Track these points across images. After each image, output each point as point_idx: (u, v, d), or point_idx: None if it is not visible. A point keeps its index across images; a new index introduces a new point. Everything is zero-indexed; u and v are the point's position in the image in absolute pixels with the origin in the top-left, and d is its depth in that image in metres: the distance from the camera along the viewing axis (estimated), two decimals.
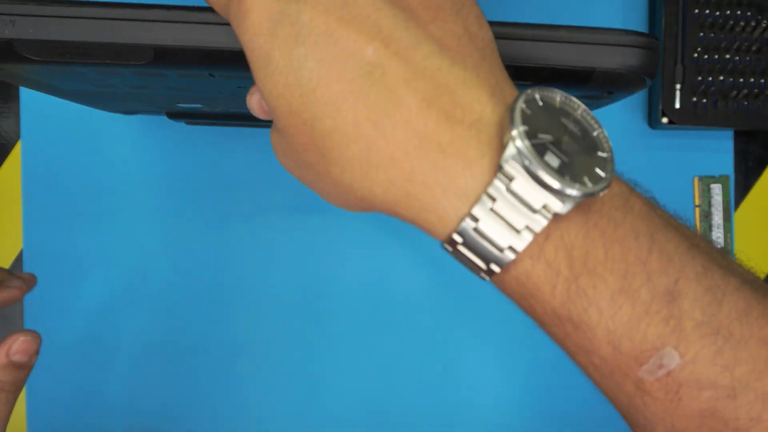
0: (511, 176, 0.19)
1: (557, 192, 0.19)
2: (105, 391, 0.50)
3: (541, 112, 0.20)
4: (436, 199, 0.20)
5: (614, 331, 0.20)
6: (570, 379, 0.49)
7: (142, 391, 0.49)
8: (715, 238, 0.49)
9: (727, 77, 0.46)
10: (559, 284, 0.20)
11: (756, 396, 0.20)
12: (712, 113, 0.47)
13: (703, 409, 0.20)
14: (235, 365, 0.49)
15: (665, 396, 0.20)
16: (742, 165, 0.50)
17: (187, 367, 0.49)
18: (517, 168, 0.19)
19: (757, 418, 0.20)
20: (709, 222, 0.49)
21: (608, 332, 0.20)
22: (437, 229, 0.21)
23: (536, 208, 0.20)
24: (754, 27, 0.46)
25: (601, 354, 0.21)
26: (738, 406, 0.20)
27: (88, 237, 0.50)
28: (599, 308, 0.20)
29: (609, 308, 0.20)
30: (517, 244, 0.20)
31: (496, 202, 0.20)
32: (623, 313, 0.20)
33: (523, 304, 0.22)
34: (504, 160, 0.19)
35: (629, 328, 0.20)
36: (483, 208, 0.20)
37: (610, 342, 0.20)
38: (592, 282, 0.20)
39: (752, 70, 0.46)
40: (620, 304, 0.20)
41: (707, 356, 0.20)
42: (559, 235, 0.20)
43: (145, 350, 0.49)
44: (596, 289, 0.20)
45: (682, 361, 0.20)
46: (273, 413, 0.49)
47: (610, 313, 0.20)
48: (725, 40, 0.46)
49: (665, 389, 0.20)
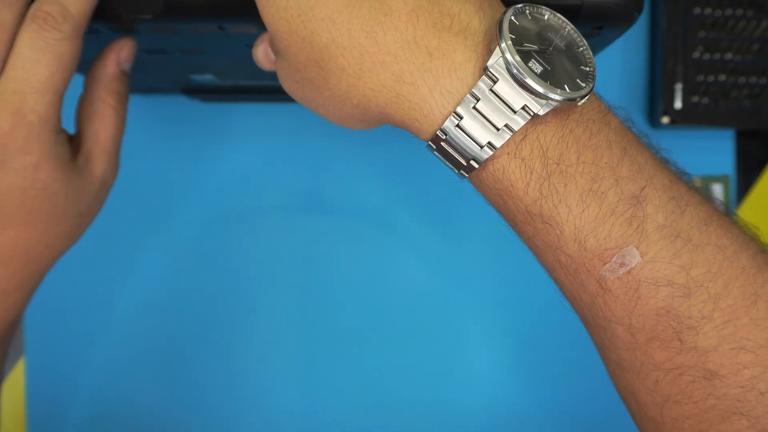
0: (495, 78, 0.21)
1: (538, 94, 0.21)
2: (105, 390, 0.49)
3: (529, 24, 0.22)
4: (423, 98, 0.22)
5: (581, 228, 0.21)
6: (570, 378, 0.49)
7: (141, 391, 0.49)
8: None
9: (728, 77, 0.46)
10: (533, 181, 0.22)
11: (709, 296, 0.21)
12: (713, 113, 0.47)
13: (659, 308, 0.22)
14: (234, 364, 0.49)
15: (625, 294, 0.22)
16: (742, 165, 0.50)
17: (186, 365, 0.49)
18: (500, 71, 0.21)
19: (708, 316, 0.21)
20: None
21: (575, 229, 0.21)
22: (423, 128, 0.23)
23: (516, 109, 0.21)
24: (754, 27, 0.46)
25: (567, 251, 0.22)
26: (692, 305, 0.21)
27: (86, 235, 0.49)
28: (568, 206, 0.21)
29: (577, 206, 0.21)
30: (495, 141, 0.22)
31: (479, 102, 0.21)
32: (590, 212, 0.21)
33: (498, 203, 0.23)
34: (490, 64, 0.21)
35: (595, 227, 0.21)
36: (466, 106, 0.22)
37: (577, 239, 0.22)
38: (563, 181, 0.21)
39: (753, 70, 0.46)
40: (588, 203, 0.21)
41: (666, 257, 0.21)
42: (536, 136, 0.22)
43: (145, 350, 0.49)
44: (567, 187, 0.21)
45: (642, 260, 0.21)
46: (273, 412, 0.49)
47: (578, 211, 0.21)
48: (726, 40, 0.46)
49: (625, 287, 0.22)
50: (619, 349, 0.23)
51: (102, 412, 0.49)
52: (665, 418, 0.23)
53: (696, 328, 0.21)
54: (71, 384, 0.49)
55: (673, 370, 0.22)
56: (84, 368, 0.49)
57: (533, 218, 0.22)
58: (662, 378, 0.23)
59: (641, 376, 0.23)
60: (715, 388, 0.22)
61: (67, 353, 0.49)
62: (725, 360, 0.21)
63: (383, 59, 0.22)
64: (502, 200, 0.23)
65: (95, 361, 0.49)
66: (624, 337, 0.23)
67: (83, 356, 0.49)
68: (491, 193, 0.23)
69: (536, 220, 0.22)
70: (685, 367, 0.22)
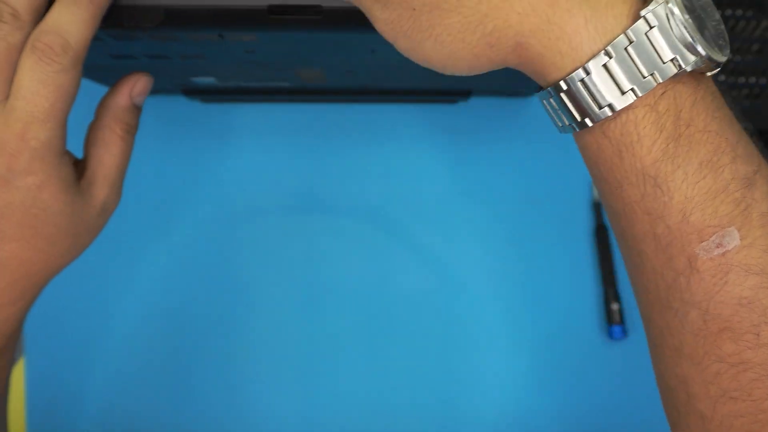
0: (653, 24, 0.20)
1: (692, 49, 0.20)
2: (105, 392, 0.49)
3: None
4: (576, 29, 0.21)
5: (691, 199, 0.21)
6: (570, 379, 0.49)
7: (141, 392, 0.49)
8: None
9: (728, 77, 0.46)
10: (660, 140, 0.21)
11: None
12: None
13: (742, 297, 0.21)
14: (234, 366, 0.49)
15: (712, 277, 0.21)
16: None
17: (185, 365, 0.49)
18: (661, 17, 0.20)
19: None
20: None
21: (685, 199, 0.21)
22: (564, 63, 0.21)
23: (666, 60, 0.21)
24: (754, 27, 0.46)
25: (668, 221, 0.21)
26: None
27: None
28: (686, 172, 0.21)
29: (695, 175, 0.21)
30: (639, 89, 0.21)
31: (632, 44, 0.21)
32: (705, 183, 0.21)
33: (612, 159, 0.22)
34: (650, 8, 0.20)
35: (704, 200, 0.21)
36: (619, 46, 0.21)
37: (683, 210, 0.21)
38: (688, 146, 0.21)
39: (752, 70, 0.46)
40: (705, 174, 0.21)
41: (763, 245, 0.21)
42: (673, 95, 0.21)
43: (145, 350, 0.49)
44: (689, 153, 0.21)
45: (740, 244, 0.21)
46: (273, 414, 0.49)
47: (694, 180, 0.21)
48: None
49: (715, 269, 0.21)
50: (686, 334, 0.22)
51: (102, 414, 0.49)
52: (716, 414, 0.23)
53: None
54: (71, 385, 0.49)
55: (739, 365, 0.22)
56: (84, 369, 0.49)
57: (646, 180, 0.21)
58: (725, 371, 0.22)
59: (701, 367, 0.22)
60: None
61: (68, 354, 0.49)
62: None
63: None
64: (619, 156, 0.22)
65: (95, 363, 0.49)
66: (696, 322, 0.22)
67: (83, 357, 0.49)
68: (608, 147, 0.22)
69: (648, 182, 0.21)
70: (752, 364, 0.21)
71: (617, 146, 0.22)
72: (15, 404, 0.50)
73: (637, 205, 0.22)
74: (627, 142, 0.21)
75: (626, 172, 0.22)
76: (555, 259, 0.49)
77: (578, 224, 0.49)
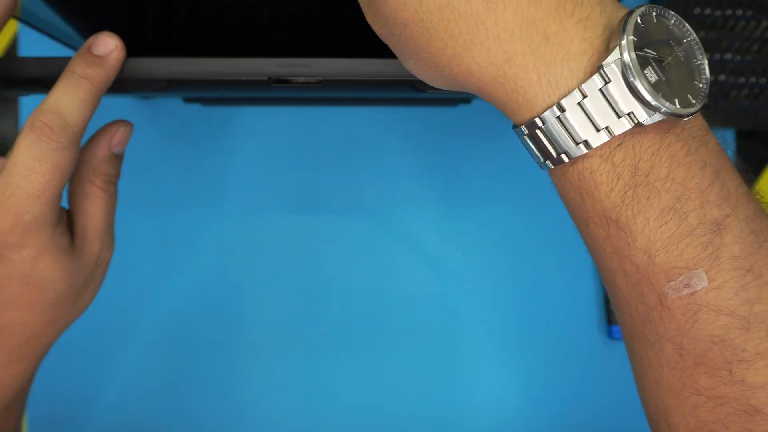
0: (608, 79, 0.20)
1: (648, 105, 0.20)
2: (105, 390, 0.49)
3: (653, 28, 0.22)
4: (530, 83, 0.21)
5: (654, 242, 0.21)
6: (570, 378, 0.49)
7: (142, 392, 0.49)
8: None
9: (728, 77, 0.46)
10: (617, 188, 0.21)
11: (767, 333, 0.21)
12: (713, 113, 0.47)
13: (714, 335, 0.21)
14: (231, 366, 0.49)
15: (683, 315, 0.21)
16: (742, 165, 0.50)
17: (185, 367, 0.49)
18: (615, 72, 0.20)
19: (763, 353, 0.21)
20: None
21: (648, 242, 0.21)
22: (522, 112, 0.22)
23: (622, 114, 0.21)
24: (754, 27, 0.46)
25: (635, 260, 0.22)
26: (747, 339, 0.21)
27: None
28: (647, 218, 0.21)
29: (656, 221, 0.21)
30: (593, 140, 0.21)
31: (585, 98, 0.21)
32: (667, 229, 0.21)
33: (575, 200, 0.23)
34: (606, 63, 0.20)
35: (668, 243, 0.21)
36: (572, 100, 0.21)
37: (647, 251, 0.21)
38: (648, 193, 0.21)
39: (752, 70, 0.46)
40: (667, 219, 0.21)
41: (733, 287, 0.21)
42: (632, 145, 0.21)
43: (144, 350, 0.49)
44: (649, 200, 0.21)
45: (708, 286, 0.21)
46: (273, 413, 0.49)
47: (655, 225, 0.21)
48: (725, 40, 0.46)
49: (685, 308, 0.21)
50: (663, 367, 0.23)
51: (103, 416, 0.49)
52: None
53: (748, 363, 0.21)
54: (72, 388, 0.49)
55: (716, 398, 0.22)
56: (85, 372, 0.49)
57: (608, 222, 0.22)
58: (702, 404, 0.22)
59: (680, 398, 0.23)
60: (756, 424, 0.21)
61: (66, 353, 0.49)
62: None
63: (498, 34, 0.21)
64: (581, 198, 0.22)
65: (95, 361, 0.49)
66: (672, 356, 0.22)
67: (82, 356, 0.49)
68: (571, 189, 0.23)
69: (611, 225, 0.22)
70: (728, 399, 0.22)
71: (578, 190, 0.22)
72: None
73: (605, 242, 0.23)
74: (585, 187, 0.22)
75: (589, 212, 0.22)
76: (555, 259, 0.49)
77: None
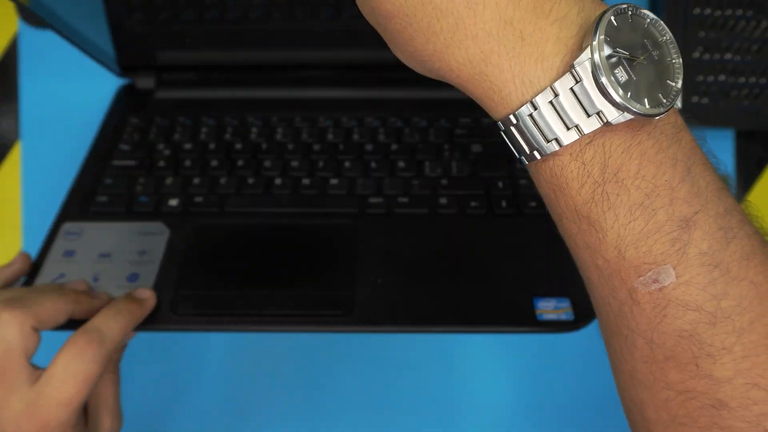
0: (579, 78, 0.21)
1: (616, 104, 0.21)
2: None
3: (626, 28, 0.22)
4: (505, 82, 0.22)
5: (623, 238, 0.22)
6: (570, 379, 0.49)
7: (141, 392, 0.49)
8: None
9: (728, 77, 0.46)
10: (587, 185, 0.22)
11: (733, 328, 0.21)
12: (713, 113, 0.47)
13: (683, 330, 0.22)
14: None
15: (652, 310, 0.22)
16: (742, 165, 0.50)
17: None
18: (586, 72, 0.21)
19: (729, 348, 0.21)
20: None
21: (618, 237, 0.22)
22: (498, 109, 0.23)
23: (591, 113, 0.21)
24: (754, 27, 0.46)
25: (606, 256, 0.22)
26: (715, 334, 0.21)
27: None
28: (616, 214, 0.21)
29: (625, 217, 0.21)
30: (563, 138, 0.22)
31: (557, 96, 0.21)
32: (636, 225, 0.21)
33: (550, 196, 0.23)
34: (577, 62, 0.21)
35: (637, 239, 0.21)
36: (544, 98, 0.22)
37: (617, 247, 0.22)
38: (617, 190, 0.21)
39: (752, 70, 0.46)
40: (636, 216, 0.21)
41: (701, 283, 0.21)
42: (602, 143, 0.22)
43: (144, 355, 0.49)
44: (619, 197, 0.21)
45: (676, 281, 0.21)
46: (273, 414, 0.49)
47: (624, 221, 0.21)
48: (725, 40, 0.46)
49: (654, 303, 0.22)
50: (636, 361, 0.23)
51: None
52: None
53: (714, 357, 0.21)
54: None
55: (685, 392, 0.22)
56: None
57: (580, 218, 0.22)
58: (673, 398, 0.23)
59: (652, 392, 0.23)
60: (722, 418, 0.22)
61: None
62: (737, 393, 0.21)
63: (476, 34, 0.22)
64: (554, 195, 0.23)
65: None
66: (643, 349, 0.23)
67: None
68: (545, 185, 0.23)
69: (582, 220, 0.22)
70: (696, 393, 0.22)
71: (551, 186, 0.23)
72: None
73: (577, 237, 0.23)
74: (557, 183, 0.23)
75: (562, 208, 0.23)
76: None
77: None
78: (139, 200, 0.42)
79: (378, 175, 0.44)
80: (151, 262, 0.39)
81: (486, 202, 0.42)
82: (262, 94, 0.49)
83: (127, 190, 0.43)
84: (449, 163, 0.44)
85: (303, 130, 0.47)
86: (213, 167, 0.44)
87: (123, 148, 0.46)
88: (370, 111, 0.48)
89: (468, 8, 0.22)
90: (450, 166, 0.44)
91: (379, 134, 0.47)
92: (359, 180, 0.44)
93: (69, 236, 0.41)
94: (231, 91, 0.49)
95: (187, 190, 0.43)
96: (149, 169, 0.44)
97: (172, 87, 0.49)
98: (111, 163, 0.45)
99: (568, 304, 0.37)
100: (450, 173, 0.44)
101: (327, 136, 0.46)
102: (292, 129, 0.47)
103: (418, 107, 0.48)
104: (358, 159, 0.45)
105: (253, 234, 0.41)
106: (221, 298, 0.37)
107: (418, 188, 0.43)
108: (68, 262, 0.40)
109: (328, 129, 0.47)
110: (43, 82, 0.50)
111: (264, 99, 0.49)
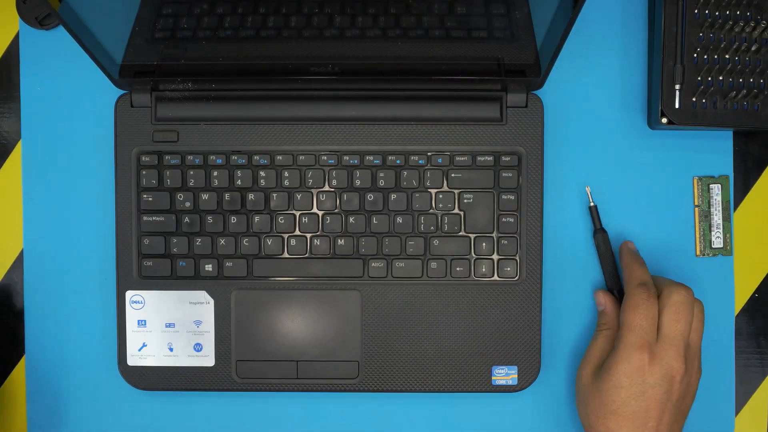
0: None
1: None
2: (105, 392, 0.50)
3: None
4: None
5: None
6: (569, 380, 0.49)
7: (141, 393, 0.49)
8: (715, 238, 0.49)
9: (727, 77, 0.46)
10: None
11: None
12: (712, 113, 0.47)
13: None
14: None
15: None
16: (741, 165, 0.50)
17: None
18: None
19: None
20: (708, 222, 0.49)
21: None
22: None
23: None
24: (753, 27, 0.46)
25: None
26: None
27: (88, 237, 0.50)
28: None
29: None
30: None
31: None
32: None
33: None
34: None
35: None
36: None
37: None
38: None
39: (752, 70, 0.46)
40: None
41: None
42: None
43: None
44: None
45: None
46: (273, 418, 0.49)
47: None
48: (725, 40, 0.46)
49: None
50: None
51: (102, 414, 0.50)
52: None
53: None
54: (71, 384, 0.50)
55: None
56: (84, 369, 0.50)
57: None
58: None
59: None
60: None
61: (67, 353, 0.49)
62: None
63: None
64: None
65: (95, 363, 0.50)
66: None
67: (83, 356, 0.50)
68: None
69: None
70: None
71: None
72: (15, 404, 0.50)
73: None
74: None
75: None
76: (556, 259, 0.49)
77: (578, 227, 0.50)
78: (180, 265, 0.48)
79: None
80: (207, 332, 0.48)
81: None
82: (257, 113, 0.48)
83: (166, 252, 0.48)
84: None
85: (309, 173, 0.48)
86: (233, 223, 0.48)
87: (146, 198, 0.48)
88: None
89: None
90: None
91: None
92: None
93: (134, 305, 0.48)
94: (226, 109, 0.48)
95: (216, 252, 0.48)
96: (177, 222, 0.48)
97: (170, 102, 0.48)
98: (141, 218, 0.48)
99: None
100: None
101: (332, 181, 0.48)
102: (299, 173, 0.48)
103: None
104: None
105: (284, 302, 0.48)
106: (275, 367, 0.48)
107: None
108: (145, 332, 0.48)
109: (331, 174, 0.48)
110: (43, 82, 0.50)
111: (263, 118, 0.48)
